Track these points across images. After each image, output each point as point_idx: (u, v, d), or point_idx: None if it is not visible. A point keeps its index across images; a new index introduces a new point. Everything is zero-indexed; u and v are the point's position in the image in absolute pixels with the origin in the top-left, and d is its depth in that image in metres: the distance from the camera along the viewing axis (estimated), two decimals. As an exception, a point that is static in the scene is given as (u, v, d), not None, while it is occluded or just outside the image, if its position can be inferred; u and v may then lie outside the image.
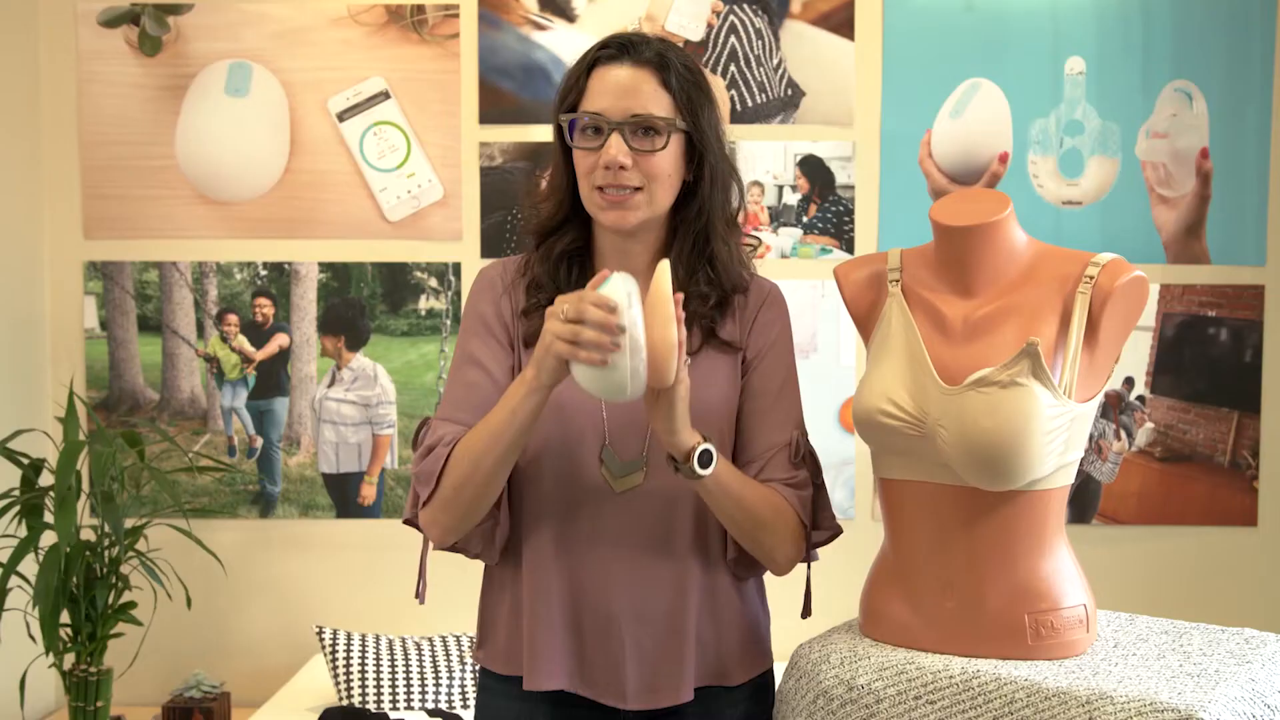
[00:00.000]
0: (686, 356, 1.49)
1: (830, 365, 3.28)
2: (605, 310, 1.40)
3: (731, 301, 1.66)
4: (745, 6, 3.29)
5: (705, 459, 1.50)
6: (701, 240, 1.63)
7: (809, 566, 1.71)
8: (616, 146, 1.55)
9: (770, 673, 1.73)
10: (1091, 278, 1.48)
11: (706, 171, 1.62)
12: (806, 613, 1.74)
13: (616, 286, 1.42)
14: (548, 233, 1.66)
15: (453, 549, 1.65)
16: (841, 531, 1.68)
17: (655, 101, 1.57)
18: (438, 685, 2.99)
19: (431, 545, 1.66)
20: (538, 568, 1.61)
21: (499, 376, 1.62)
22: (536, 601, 1.61)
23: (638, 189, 1.57)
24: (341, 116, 3.32)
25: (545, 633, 1.60)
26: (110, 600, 2.88)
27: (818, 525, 1.66)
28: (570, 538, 1.61)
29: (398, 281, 3.35)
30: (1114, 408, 3.31)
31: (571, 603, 1.61)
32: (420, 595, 1.71)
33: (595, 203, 1.59)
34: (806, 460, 1.65)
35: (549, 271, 1.64)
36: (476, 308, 1.66)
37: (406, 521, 1.65)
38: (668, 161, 1.58)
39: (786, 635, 1.81)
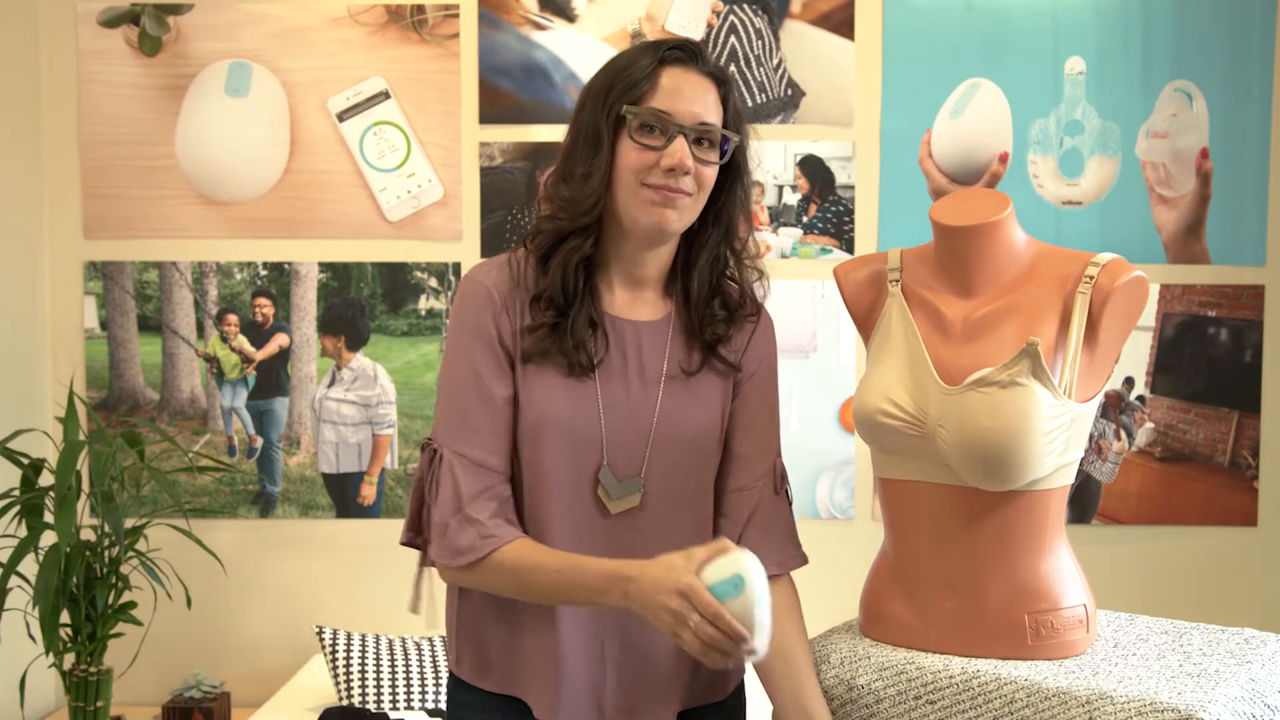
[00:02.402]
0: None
1: (830, 365, 3.28)
2: (738, 641, 1.36)
3: (735, 321, 1.64)
4: (745, 6, 3.29)
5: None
6: (723, 263, 1.61)
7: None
8: (683, 150, 1.50)
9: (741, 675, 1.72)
10: (1091, 278, 1.48)
11: (739, 190, 1.60)
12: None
13: (751, 605, 1.36)
14: (571, 233, 1.55)
15: None
16: (807, 562, 1.66)
17: (716, 113, 1.54)
18: (438, 685, 2.99)
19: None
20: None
21: (508, 402, 1.56)
22: (540, 630, 1.57)
23: (688, 195, 1.53)
24: (341, 116, 3.32)
25: (543, 662, 1.57)
26: (110, 600, 2.87)
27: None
28: None
29: (398, 281, 3.35)
30: (1114, 408, 3.30)
31: (565, 628, 1.57)
32: (414, 608, 1.67)
33: (644, 198, 1.51)
34: (783, 482, 1.65)
35: (561, 282, 1.54)
36: (477, 321, 1.56)
37: (406, 544, 1.61)
38: (715, 175, 1.55)
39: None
